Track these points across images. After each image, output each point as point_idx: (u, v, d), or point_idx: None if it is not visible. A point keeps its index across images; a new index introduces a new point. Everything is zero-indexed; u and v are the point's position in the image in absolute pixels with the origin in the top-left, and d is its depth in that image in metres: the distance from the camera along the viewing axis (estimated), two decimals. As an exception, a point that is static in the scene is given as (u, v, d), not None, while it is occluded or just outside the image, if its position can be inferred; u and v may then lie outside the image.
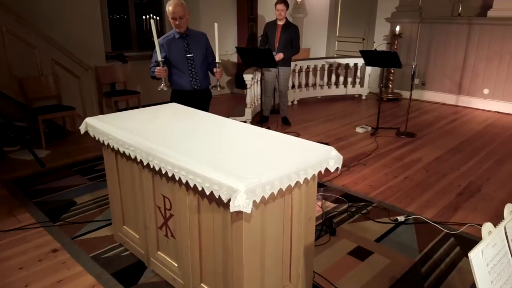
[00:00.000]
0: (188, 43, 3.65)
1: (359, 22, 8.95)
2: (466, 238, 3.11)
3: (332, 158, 2.17)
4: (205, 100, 3.84)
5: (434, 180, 4.23)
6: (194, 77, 3.70)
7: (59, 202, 3.67)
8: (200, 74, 3.73)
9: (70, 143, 5.33)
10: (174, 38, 3.62)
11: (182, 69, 3.67)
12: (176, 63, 3.65)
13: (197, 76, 3.71)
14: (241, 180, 1.75)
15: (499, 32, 6.97)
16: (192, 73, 3.69)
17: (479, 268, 0.98)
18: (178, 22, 3.49)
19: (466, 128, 6.20)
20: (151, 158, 2.22)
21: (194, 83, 3.72)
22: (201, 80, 3.75)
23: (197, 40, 3.70)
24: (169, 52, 3.61)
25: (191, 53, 3.65)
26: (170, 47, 3.61)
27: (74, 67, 5.71)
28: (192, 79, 3.70)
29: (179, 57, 3.63)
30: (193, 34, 3.70)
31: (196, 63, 3.68)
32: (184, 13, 3.48)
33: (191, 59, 3.66)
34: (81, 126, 2.83)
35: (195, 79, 3.71)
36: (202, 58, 3.71)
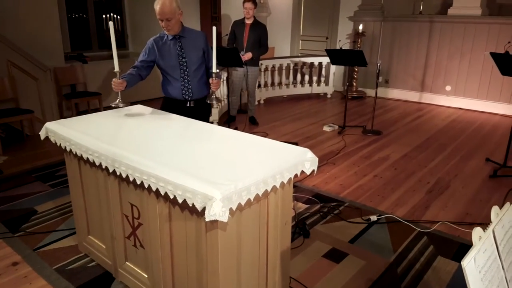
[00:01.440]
0: (182, 46, 3.10)
1: (322, 21, 9.01)
2: (439, 236, 3.14)
3: (308, 160, 2.12)
4: (200, 112, 3.23)
5: (403, 178, 4.28)
6: (186, 85, 3.17)
7: (19, 211, 3.45)
8: (193, 82, 3.18)
9: (29, 148, 5.05)
10: (167, 39, 3.10)
11: (173, 75, 3.15)
12: (166, 68, 3.15)
13: (190, 84, 3.17)
14: (216, 187, 1.66)
15: (460, 29, 7.18)
16: (184, 80, 3.16)
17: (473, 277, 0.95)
18: (165, 24, 2.95)
19: (430, 125, 6.34)
20: (117, 164, 2.09)
21: (186, 92, 3.19)
22: (195, 89, 3.20)
23: (194, 42, 3.14)
24: (159, 56, 3.11)
25: (184, 58, 3.11)
26: (160, 50, 3.11)
27: (32, 69, 5.43)
28: (183, 88, 3.18)
29: (170, 61, 3.11)
30: (189, 35, 3.13)
31: (189, 69, 3.14)
32: (173, 14, 2.91)
33: (184, 64, 3.12)
34: (41, 132, 2.66)
35: (186, 87, 3.18)
36: (198, 63, 3.16)
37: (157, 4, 2.90)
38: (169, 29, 2.99)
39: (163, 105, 3.27)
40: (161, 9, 2.88)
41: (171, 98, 3.23)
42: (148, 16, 7.85)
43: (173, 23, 2.95)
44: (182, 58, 3.11)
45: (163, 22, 2.94)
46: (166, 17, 2.90)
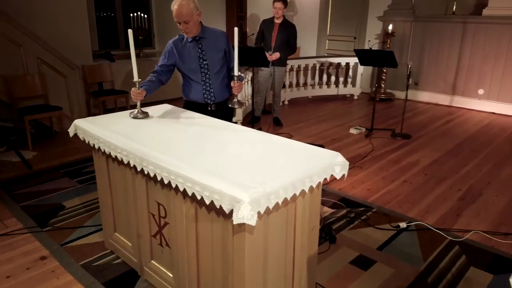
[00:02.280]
0: (202, 48, 2.97)
1: (350, 21, 8.87)
2: (471, 246, 3.01)
3: (338, 164, 2.05)
4: (222, 115, 3.00)
5: (433, 184, 4.14)
6: (207, 89, 3.05)
7: (47, 206, 3.51)
8: (215, 85, 3.05)
9: (58, 144, 5.15)
10: (186, 41, 2.98)
11: (194, 78, 3.03)
12: (187, 71, 3.03)
13: (212, 88, 3.05)
14: (245, 190, 1.62)
15: (495, 31, 6.93)
16: (206, 84, 3.04)
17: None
18: (183, 27, 2.83)
19: (461, 130, 6.14)
20: (145, 163, 2.08)
21: (208, 96, 3.07)
22: (217, 92, 3.08)
23: (214, 43, 2.99)
24: (179, 59, 3.01)
25: (205, 60, 2.98)
26: (180, 53, 3.00)
27: (61, 66, 5.52)
28: (205, 91, 3.06)
29: (190, 64, 2.99)
30: (209, 36, 2.98)
31: (211, 72, 3.01)
32: (190, 16, 2.78)
33: (205, 67, 2.99)
34: (69, 129, 2.68)
35: (208, 91, 3.06)
36: (219, 65, 3.02)
37: (173, 5, 2.79)
38: (187, 31, 2.87)
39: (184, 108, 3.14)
40: (177, 11, 2.76)
41: (192, 102, 3.13)
42: (174, 15, 7.89)
43: (191, 25, 2.83)
44: (203, 60, 2.99)
45: (180, 24, 2.83)
46: (184, 20, 2.78)
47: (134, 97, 2.71)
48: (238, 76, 2.74)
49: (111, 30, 7.61)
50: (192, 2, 2.79)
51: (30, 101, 5.24)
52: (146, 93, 2.78)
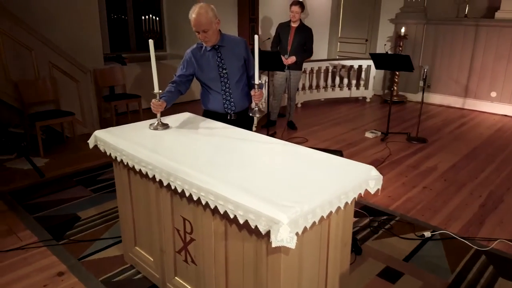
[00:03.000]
0: (221, 56, 2.88)
1: (362, 23, 8.77)
2: (498, 255, 2.94)
3: (372, 178, 1.97)
4: (243, 125, 2.89)
5: (454, 190, 4.06)
6: (228, 98, 2.96)
7: (62, 217, 3.44)
8: (235, 94, 2.96)
9: (70, 150, 5.08)
10: (205, 50, 2.89)
11: (214, 87, 2.95)
12: (206, 81, 2.95)
13: (232, 97, 2.96)
14: (283, 210, 1.55)
15: (508, 34, 6.83)
16: (226, 93, 2.95)
17: None
18: (202, 36, 2.74)
19: (476, 133, 6.05)
20: (172, 178, 2.01)
21: (228, 106, 2.98)
22: (237, 102, 2.99)
23: (234, 51, 2.90)
24: (198, 68, 2.92)
25: (225, 69, 2.89)
26: (199, 62, 2.91)
27: (73, 70, 5.46)
28: (225, 101, 2.97)
29: (210, 73, 2.90)
30: (228, 44, 2.89)
31: (231, 81, 2.92)
32: (209, 25, 2.69)
33: (224, 76, 2.91)
34: (89, 140, 2.61)
35: (229, 100, 2.97)
36: (239, 74, 2.94)
37: (191, 14, 2.69)
38: (206, 40, 2.78)
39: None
40: (196, 20, 2.68)
41: (212, 111, 3.03)
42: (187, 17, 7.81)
43: (210, 34, 2.74)
44: (223, 69, 2.89)
45: (199, 33, 2.73)
46: (203, 29, 2.69)
47: (154, 109, 2.64)
48: (259, 84, 2.62)
49: (122, 32, 7.56)
50: (211, 10, 2.72)
51: (41, 106, 5.18)
52: (166, 104, 2.71)
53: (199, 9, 2.68)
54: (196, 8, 2.70)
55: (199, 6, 2.70)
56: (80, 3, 5.78)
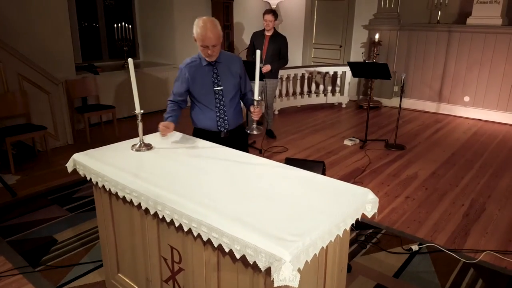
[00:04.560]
0: (217, 72, 2.79)
1: (336, 29, 8.81)
2: (486, 268, 2.95)
3: (369, 202, 1.93)
4: (235, 142, 2.86)
5: (436, 199, 4.08)
6: (221, 116, 2.85)
7: (38, 241, 3.25)
8: (229, 112, 2.86)
9: (42, 166, 4.85)
10: (200, 65, 2.78)
11: (207, 104, 2.83)
12: (199, 97, 2.83)
13: (226, 115, 2.86)
14: (284, 245, 1.47)
15: (479, 39, 6.99)
16: (220, 110, 2.84)
17: None
18: (211, 51, 2.64)
19: (452, 138, 6.15)
20: (160, 207, 1.90)
21: (221, 124, 2.87)
22: (231, 119, 2.88)
23: (229, 68, 2.82)
24: (192, 83, 2.80)
25: (220, 86, 2.79)
26: (193, 77, 2.79)
27: (43, 82, 5.24)
28: (219, 118, 2.86)
29: (204, 90, 2.80)
30: (224, 60, 2.80)
31: (225, 98, 2.82)
32: (218, 40, 2.62)
33: (219, 93, 2.80)
34: (67, 164, 2.45)
35: (222, 118, 2.86)
36: (234, 91, 2.86)
37: (200, 28, 2.56)
38: (213, 55, 2.69)
39: (194, 136, 2.92)
40: (207, 35, 2.54)
41: (203, 129, 2.91)
42: (159, 24, 7.68)
43: (218, 49, 2.67)
44: (218, 86, 2.79)
45: (208, 49, 2.61)
46: (213, 44, 2.58)
47: (162, 132, 2.60)
48: (258, 100, 2.54)
49: (94, 40, 7.33)
50: (218, 24, 2.64)
51: (10, 120, 4.94)
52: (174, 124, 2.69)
53: (210, 23, 2.57)
54: (205, 22, 2.57)
55: (209, 20, 2.59)
56: (50, 11, 5.55)
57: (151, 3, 7.70)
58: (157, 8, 7.63)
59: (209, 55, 2.68)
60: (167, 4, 7.47)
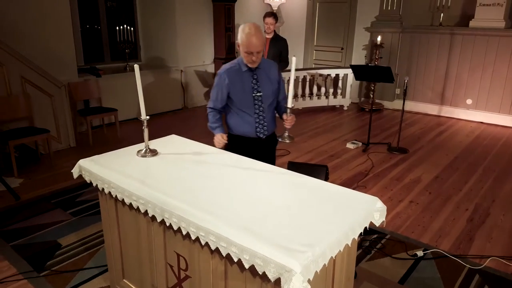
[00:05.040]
0: (257, 78, 2.76)
1: (338, 32, 8.81)
2: (492, 274, 2.95)
3: (377, 210, 1.92)
4: (270, 148, 3.00)
5: (440, 204, 4.08)
6: (261, 122, 2.83)
7: (42, 245, 3.24)
8: (268, 118, 2.85)
9: (45, 169, 4.85)
10: (240, 70, 2.75)
11: (246, 110, 2.79)
12: (238, 102, 2.79)
13: (265, 121, 2.83)
14: (294, 256, 1.46)
15: (482, 42, 6.99)
16: (259, 117, 2.81)
17: None
18: (255, 57, 2.63)
19: (455, 141, 6.14)
20: (167, 215, 1.90)
21: (261, 130, 2.84)
22: (269, 125, 2.88)
23: (268, 74, 2.80)
24: (232, 89, 2.77)
25: (259, 92, 2.77)
26: (233, 83, 2.75)
27: (46, 85, 5.23)
28: (258, 125, 2.83)
29: (243, 95, 2.77)
30: (263, 66, 2.78)
31: (264, 104, 2.79)
32: (262, 46, 2.61)
33: (259, 98, 2.78)
34: (73, 170, 2.45)
35: (262, 124, 2.83)
36: (272, 97, 2.84)
37: (246, 34, 2.56)
38: (256, 62, 2.67)
39: (229, 144, 2.84)
40: (253, 42, 2.55)
41: (240, 136, 2.88)
42: (161, 27, 7.68)
43: (261, 55, 2.67)
44: (258, 92, 2.76)
45: (252, 55, 2.61)
46: (258, 50, 2.59)
47: (218, 145, 2.74)
48: (291, 108, 2.56)
49: (96, 43, 7.32)
50: (262, 31, 2.66)
51: (13, 123, 4.94)
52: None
53: (255, 29, 2.57)
54: (251, 28, 2.58)
55: (254, 26, 2.59)
56: (53, 14, 5.55)
57: (153, 5, 7.70)
58: (159, 10, 7.63)
59: (252, 61, 2.66)
60: (169, 6, 7.47)
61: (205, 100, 8.37)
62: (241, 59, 2.74)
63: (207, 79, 8.30)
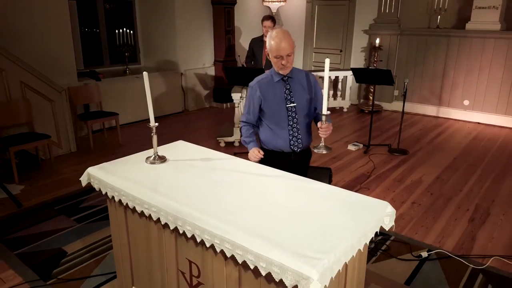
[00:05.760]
0: (290, 89, 2.65)
1: (336, 34, 8.85)
2: (494, 273, 2.99)
3: (387, 215, 1.95)
4: (303, 162, 2.87)
5: (441, 205, 4.11)
6: (295, 135, 2.69)
7: (47, 253, 3.23)
8: (303, 131, 2.70)
9: (46, 175, 4.84)
10: (272, 81, 2.65)
11: (279, 123, 2.68)
12: (271, 115, 2.69)
13: (299, 134, 2.69)
14: (311, 263, 1.48)
15: (478, 44, 7.05)
16: (293, 129, 2.68)
17: None
18: (285, 61, 2.53)
19: (454, 142, 6.19)
20: (180, 222, 1.91)
21: (295, 143, 2.70)
22: (304, 138, 2.73)
23: (302, 84, 2.68)
24: (263, 101, 2.67)
25: (293, 102, 2.64)
26: (265, 95, 2.65)
27: (46, 90, 5.22)
28: (292, 138, 2.69)
29: (276, 107, 2.66)
30: (297, 76, 2.68)
31: (299, 116, 2.66)
32: (292, 49, 2.53)
33: (292, 109, 2.65)
34: (82, 177, 2.45)
35: (296, 137, 2.69)
36: (307, 108, 2.70)
37: (273, 39, 2.49)
38: (287, 66, 2.56)
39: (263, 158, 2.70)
40: (281, 44, 2.47)
41: (274, 151, 2.76)
42: (161, 29, 7.68)
43: (292, 58, 2.56)
44: (291, 102, 2.64)
45: (282, 59, 2.52)
46: (287, 53, 2.49)
47: (254, 159, 2.65)
48: (327, 115, 2.37)
49: (95, 46, 7.32)
50: (291, 35, 2.58)
51: (14, 129, 4.92)
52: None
53: (282, 33, 2.51)
54: (278, 32, 2.52)
55: (281, 31, 2.54)
56: (52, 18, 5.52)
57: (152, 8, 7.70)
58: (158, 13, 7.64)
59: (283, 66, 2.56)
60: (168, 9, 7.48)
61: (205, 103, 8.38)
62: (273, 70, 2.66)
63: (207, 81, 8.31)
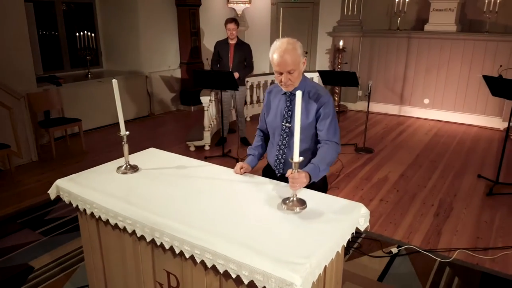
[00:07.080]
0: (290, 107, 2.31)
1: (302, 36, 8.94)
2: (460, 266, 3.13)
3: (362, 216, 1.99)
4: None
5: (407, 201, 4.26)
6: (279, 157, 2.41)
7: (13, 269, 3.09)
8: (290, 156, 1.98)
9: (6, 187, 4.62)
10: (280, 92, 2.36)
11: (274, 139, 2.44)
12: (269, 127, 2.45)
13: (284, 157, 2.39)
14: (293, 269, 1.49)
15: (436, 44, 7.34)
16: (280, 150, 2.39)
17: None
18: (284, 78, 2.17)
19: (415, 140, 6.41)
20: (158, 234, 1.88)
21: (277, 166, 2.43)
22: (288, 165, 2.16)
23: (307, 104, 2.27)
24: (266, 110, 2.45)
25: (289, 123, 2.31)
26: (269, 104, 2.43)
27: (4, 97, 4.98)
28: (276, 159, 2.43)
29: (274, 120, 2.39)
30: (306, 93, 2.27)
31: (290, 139, 2.31)
32: (296, 65, 2.14)
33: (286, 130, 2.34)
34: (50, 190, 2.36)
35: (279, 159, 2.41)
36: (304, 133, 2.21)
37: (274, 51, 2.14)
38: (288, 84, 2.20)
39: (264, 170, 2.61)
40: (282, 58, 2.11)
41: (268, 165, 2.57)
42: (123, 31, 7.52)
43: (295, 76, 2.18)
44: (287, 122, 2.32)
45: (279, 75, 2.18)
46: (288, 70, 2.13)
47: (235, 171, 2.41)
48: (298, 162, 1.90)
49: (54, 50, 7.07)
50: (300, 47, 2.17)
51: (-31, 139, 4.69)
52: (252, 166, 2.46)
53: (287, 45, 2.12)
54: (282, 42, 2.15)
55: (286, 41, 2.15)
56: (7, 21, 5.27)
57: (114, 10, 7.52)
58: (120, 14, 7.47)
59: (282, 83, 2.22)
60: (131, 10, 7.33)
61: (172, 106, 8.27)
62: None
63: (173, 84, 8.21)
